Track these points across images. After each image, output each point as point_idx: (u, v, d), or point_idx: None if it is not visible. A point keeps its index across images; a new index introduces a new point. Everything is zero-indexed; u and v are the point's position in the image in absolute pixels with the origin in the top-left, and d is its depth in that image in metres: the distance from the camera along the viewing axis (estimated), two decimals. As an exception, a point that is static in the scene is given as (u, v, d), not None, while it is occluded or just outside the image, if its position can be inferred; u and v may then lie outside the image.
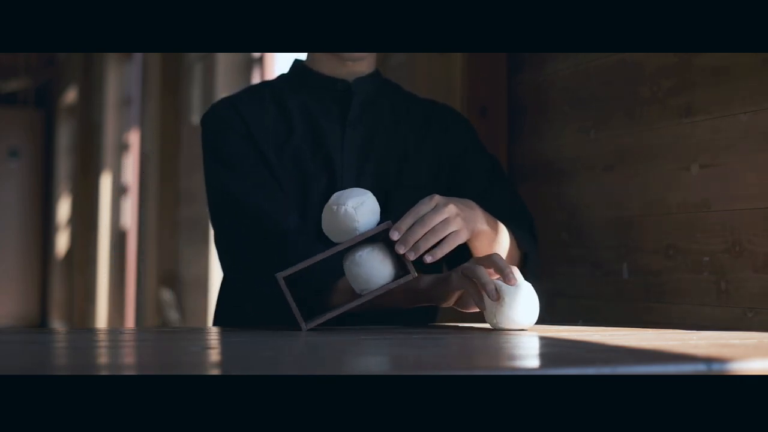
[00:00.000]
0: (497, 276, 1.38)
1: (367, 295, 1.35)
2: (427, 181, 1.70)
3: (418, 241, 1.34)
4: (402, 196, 1.66)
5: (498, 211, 1.59)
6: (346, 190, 1.38)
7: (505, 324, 1.37)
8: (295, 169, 1.65)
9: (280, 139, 1.66)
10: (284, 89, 1.72)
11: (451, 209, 1.38)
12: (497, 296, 1.35)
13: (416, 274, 1.35)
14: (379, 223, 1.37)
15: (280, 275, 1.33)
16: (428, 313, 1.67)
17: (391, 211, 1.65)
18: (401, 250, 1.33)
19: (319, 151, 1.66)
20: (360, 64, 1.70)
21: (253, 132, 1.64)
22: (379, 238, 1.39)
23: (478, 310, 1.42)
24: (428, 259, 1.35)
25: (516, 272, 1.37)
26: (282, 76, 1.78)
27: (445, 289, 1.43)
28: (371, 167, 1.67)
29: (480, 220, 1.47)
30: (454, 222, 1.38)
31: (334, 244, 1.38)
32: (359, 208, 1.34)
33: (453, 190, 1.71)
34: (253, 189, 1.58)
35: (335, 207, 1.35)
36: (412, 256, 1.34)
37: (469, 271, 1.37)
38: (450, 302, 1.47)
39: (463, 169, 1.74)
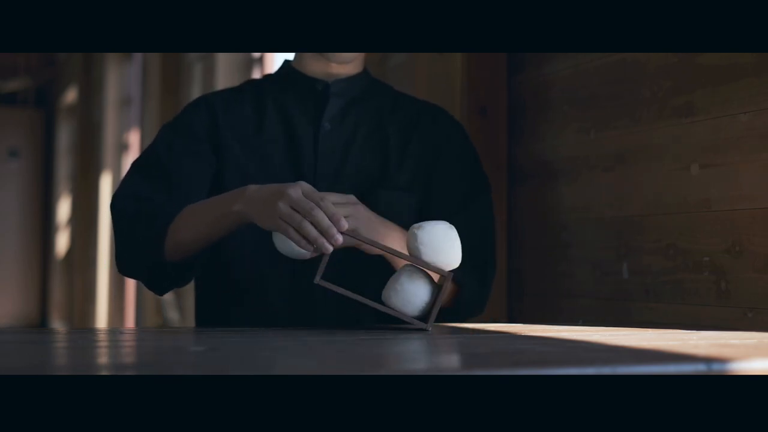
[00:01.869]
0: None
1: (384, 308, 1.39)
2: (410, 182, 1.68)
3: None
4: (383, 199, 1.65)
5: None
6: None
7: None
8: (262, 168, 1.65)
9: (249, 137, 1.67)
10: (266, 89, 1.73)
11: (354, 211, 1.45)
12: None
13: (430, 329, 1.38)
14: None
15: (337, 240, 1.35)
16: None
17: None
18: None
19: (289, 152, 1.66)
20: (345, 66, 1.70)
21: (221, 127, 1.67)
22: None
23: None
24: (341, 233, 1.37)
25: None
26: (268, 76, 1.79)
27: None
28: (351, 168, 1.66)
29: (387, 237, 1.49)
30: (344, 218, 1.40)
31: None
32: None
33: (428, 194, 1.69)
34: (136, 181, 1.65)
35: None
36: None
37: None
38: None
39: (442, 175, 1.69)
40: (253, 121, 1.69)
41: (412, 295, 1.37)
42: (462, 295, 1.58)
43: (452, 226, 1.38)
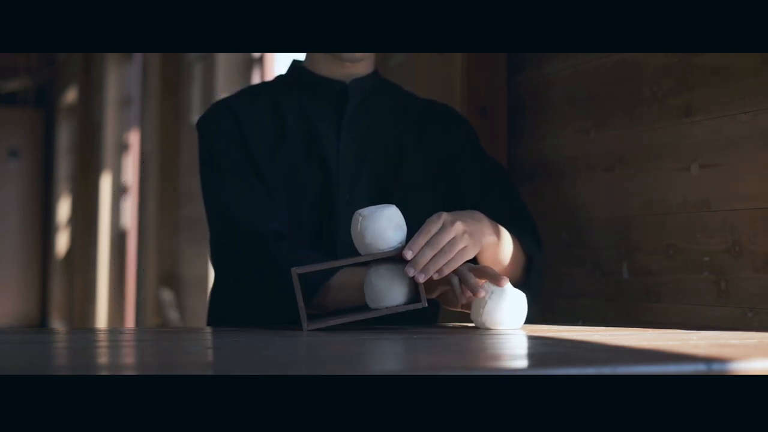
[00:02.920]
0: (484, 280, 1.40)
1: (374, 312, 1.38)
2: (426, 181, 1.70)
3: (428, 263, 1.36)
4: (400, 197, 1.65)
5: (499, 216, 1.59)
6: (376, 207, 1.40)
7: (489, 323, 1.40)
8: (287, 172, 1.64)
9: (273, 141, 1.66)
10: (281, 91, 1.72)
11: (458, 227, 1.40)
12: (478, 292, 1.37)
13: (426, 304, 1.37)
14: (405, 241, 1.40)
15: (295, 270, 1.36)
16: (429, 314, 1.67)
17: None
18: (411, 273, 1.35)
19: (313, 153, 1.65)
20: (358, 65, 1.70)
21: (246, 135, 1.65)
22: (398, 258, 1.41)
23: (459, 307, 1.45)
24: (435, 276, 1.37)
25: (504, 278, 1.40)
26: (279, 78, 1.78)
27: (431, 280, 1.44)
28: (367, 169, 1.66)
29: (487, 232, 1.47)
30: (461, 240, 1.40)
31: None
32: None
33: (451, 191, 1.71)
34: (240, 196, 1.61)
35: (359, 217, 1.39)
36: (421, 279, 1.36)
37: (456, 270, 1.39)
38: (433, 294, 1.47)
39: (461, 170, 1.73)
40: (274, 127, 1.67)
41: (387, 289, 1.37)
42: (533, 265, 1.63)
43: (394, 209, 1.39)
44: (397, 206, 1.60)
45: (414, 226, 1.48)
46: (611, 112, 1.89)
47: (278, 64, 4.15)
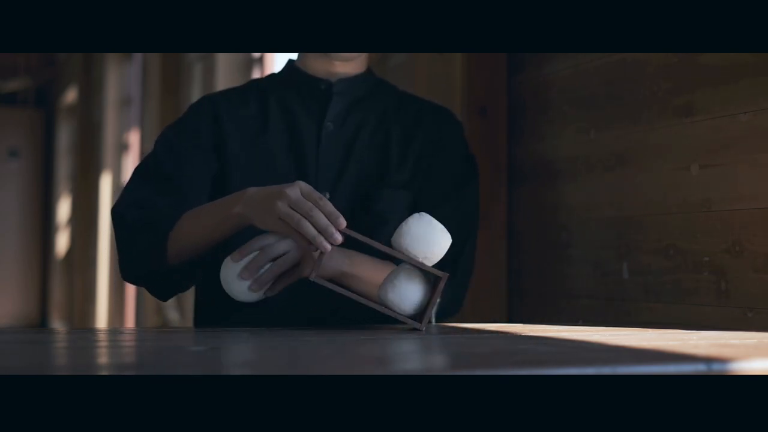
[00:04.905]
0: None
1: (379, 307, 1.37)
2: (409, 181, 1.68)
3: (262, 274, 1.41)
4: (385, 198, 1.65)
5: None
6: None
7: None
8: (266, 167, 1.65)
9: (253, 136, 1.68)
10: (271, 88, 1.74)
11: (289, 243, 1.42)
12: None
13: (423, 330, 1.36)
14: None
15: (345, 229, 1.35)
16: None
17: (372, 213, 1.64)
18: (246, 276, 1.39)
19: (293, 149, 1.66)
20: (348, 65, 1.70)
21: (225, 129, 1.67)
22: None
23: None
24: (268, 293, 1.42)
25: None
26: (272, 75, 1.79)
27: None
28: (353, 167, 1.66)
29: (341, 262, 1.49)
30: (293, 257, 1.42)
31: None
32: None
33: (418, 191, 1.69)
34: (158, 180, 1.64)
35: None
36: (255, 288, 1.40)
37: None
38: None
39: (431, 170, 1.69)
40: (257, 121, 1.69)
41: (409, 292, 1.35)
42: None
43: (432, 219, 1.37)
44: (381, 205, 1.61)
45: (395, 227, 1.47)
46: (611, 112, 1.89)
47: (278, 64, 4.16)
